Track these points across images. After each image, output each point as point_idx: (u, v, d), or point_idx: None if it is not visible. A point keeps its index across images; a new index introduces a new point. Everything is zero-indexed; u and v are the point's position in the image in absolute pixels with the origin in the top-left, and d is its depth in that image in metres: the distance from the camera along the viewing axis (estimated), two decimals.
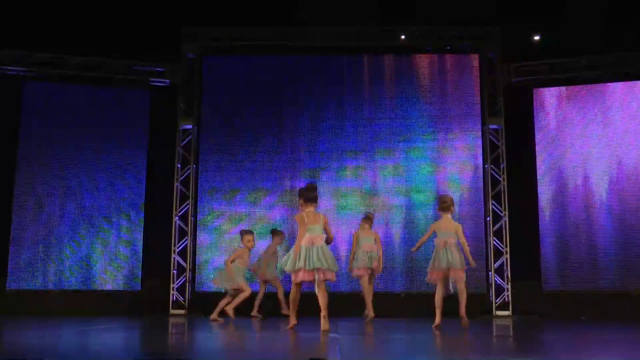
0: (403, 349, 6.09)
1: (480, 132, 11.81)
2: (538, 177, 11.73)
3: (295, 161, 11.91)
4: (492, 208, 11.65)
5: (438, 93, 11.98)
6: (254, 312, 10.25)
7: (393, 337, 7.32)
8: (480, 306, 11.21)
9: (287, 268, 7.48)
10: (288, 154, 11.93)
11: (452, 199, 8.43)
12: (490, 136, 11.83)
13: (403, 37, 11.96)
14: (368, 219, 9.76)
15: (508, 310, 11.31)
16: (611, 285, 11.14)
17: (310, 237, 7.37)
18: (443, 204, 8.30)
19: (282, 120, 12.04)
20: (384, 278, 11.36)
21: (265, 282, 10.38)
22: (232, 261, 9.56)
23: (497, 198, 11.69)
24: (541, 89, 11.91)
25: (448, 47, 12.06)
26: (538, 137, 11.83)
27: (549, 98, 11.92)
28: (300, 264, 7.32)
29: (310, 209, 7.48)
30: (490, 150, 11.78)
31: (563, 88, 11.84)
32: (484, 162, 11.75)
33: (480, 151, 11.76)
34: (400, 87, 12.00)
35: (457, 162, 11.77)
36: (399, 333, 7.78)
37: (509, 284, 11.37)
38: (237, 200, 11.83)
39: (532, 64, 11.84)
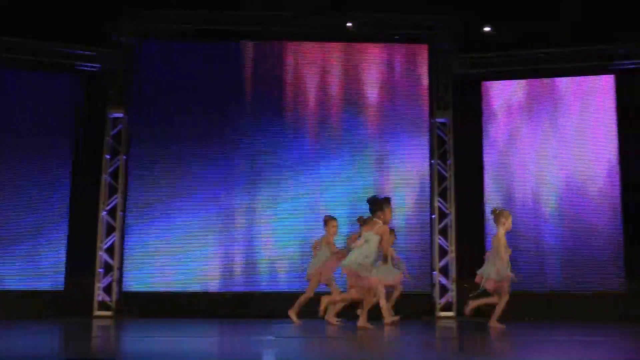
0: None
1: (427, 126, 11.77)
2: (485, 173, 11.76)
3: (234, 154, 11.66)
4: (438, 205, 11.62)
5: (385, 84, 11.88)
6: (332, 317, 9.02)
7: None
8: (423, 306, 11.19)
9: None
10: (226, 146, 11.66)
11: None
12: (438, 130, 11.79)
13: (350, 25, 11.82)
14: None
15: (452, 311, 11.30)
16: (557, 286, 11.24)
17: None
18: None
19: (221, 110, 11.77)
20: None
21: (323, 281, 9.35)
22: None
23: (443, 195, 11.67)
24: (491, 82, 11.93)
25: (397, 37, 11.98)
26: (486, 131, 11.87)
27: (499, 91, 11.95)
28: None
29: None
30: (437, 145, 11.75)
31: (514, 82, 11.90)
32: (431, 157, 11.71)
33: (427, 146, 11.73)
34: (347, 78, 11.86)
35: (403, 157, 11.70)
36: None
37: (454, 284, 11.37)
38: (170, 194, 11.50)
39: (482, 56, 11.83)
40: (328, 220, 9.32)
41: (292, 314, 9.06)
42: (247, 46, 11.92)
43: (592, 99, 11.71)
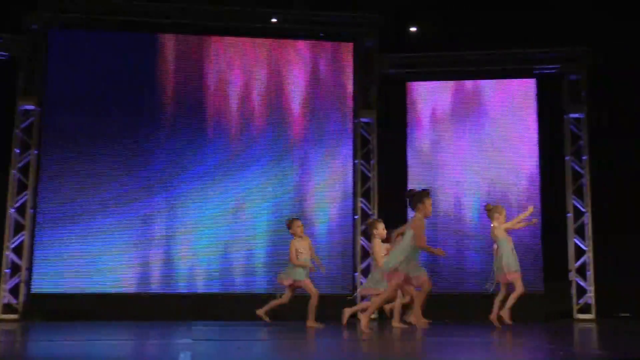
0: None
1: (351, 126, 11.76)
2: (409, 174, 11.84)
3: (150, 152, 11.35)
4: (362, 206, 11.62)
5: (310, 82, 11.80)
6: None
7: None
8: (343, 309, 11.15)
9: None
10: (142, 144, 11.34)
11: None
12: (362, 130, 11.79)
13: (275, 20, 11.70)
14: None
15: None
16: (477, 288, 11.37)
17: None
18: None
19: (137, 106, 11.45)
20: (247, 280, 11.14)
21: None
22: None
23: (366, 196, 11.68)
24: (416, 83, 12.02)
25: (322, 35, 11.93)
26: (411, 132, 11.95)
27: (424, 92, 12.05)
28: None
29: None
30: (361, 144, 11.75)
31: (439, 83, 12.02)
32: (354, 157, 11.71)
33: (351, 146, 11.72)
34: (270, 75, 11.72)
35: (326, 157, 11.66)
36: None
37: None
38: (83, 192, 11.11)
39: (408, 57, 11.90)
40: (373, 223, 9.13)
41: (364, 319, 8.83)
42: (166, 39, 11.62)
43: (516, 102, 11.95)
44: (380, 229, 8.87)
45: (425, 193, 7.57)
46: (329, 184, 11.59)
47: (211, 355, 5.84)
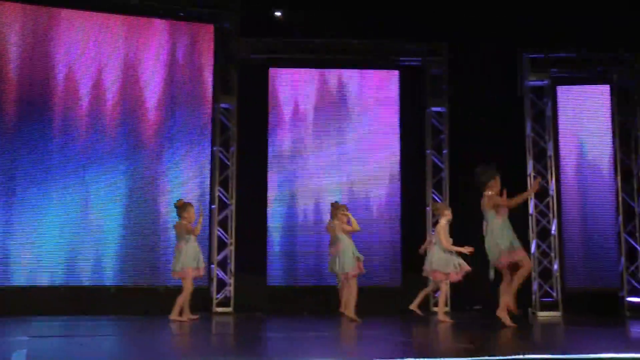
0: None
1: (210, 112, 11.49)
2: (269, 163, 11.72)
3: None
4: (219, 195, 11.38)
5: (167, 65, 11.38)
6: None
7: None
8: (200, 302, 10.92)
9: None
10: None
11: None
12: (221, 116, 11.53)
13: None
14: None
15: (230, 306, 11.12)
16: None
17: None
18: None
19: None
20: (99, 272, 10.68)
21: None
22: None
23: (224, 184, 11.44)
24: (278, 69, 11.87)
25: (182, 14, 11.55)
26: (272, 120, 11.82)
27: (286, 79, 11.93)
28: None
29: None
30: (220, 132, 11.49)
31: (302, 70, 11.94)
32: (212, 144, 11.44)
33: (209, 133, 11.45)
34: (125, 55, 11.18)
35: (184, 143, 11.32)
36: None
37: (232, 278, 11.20)
38: None
39: (271, 41, 11.70)
40: (442, 207, 9.59)
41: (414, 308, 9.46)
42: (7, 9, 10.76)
43: (379, 94, 12.07)
44: (449, 213, 9.28)
45: (496, 168, 7.88)
46: (186, 170, 11.28)
47: (48, 352, 5.51)
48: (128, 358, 5.39)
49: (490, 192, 7.75)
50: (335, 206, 9.81)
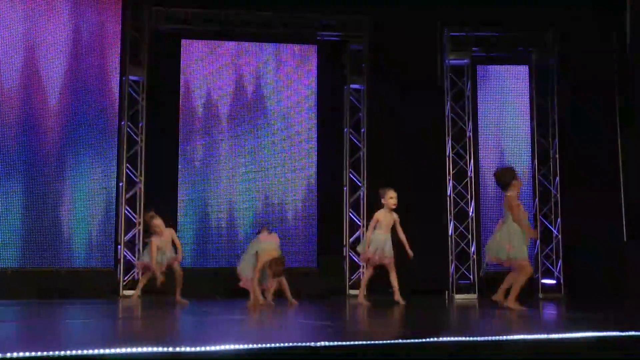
0: None
1: (118, 84, 11.27)
2: (180, 140, 11.60)
3: None
4: (127, 172, 11.17)
5: (72, 33, 11.09)
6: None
7: None
8: (106, 285, 10.78)
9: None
10: None
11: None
12: (130, 89, 11.32)
13: None
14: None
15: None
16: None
17: None
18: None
19: None
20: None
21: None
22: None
23: (132, 161, 11.18)
24: (191, 41, 11.74)
25: None
26: (184, 94, 11.67)
27: (199, 51, 11.79)
28: None
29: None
30: (128, 105, 11.25)
31: (216, 42, 11.81)
32: (120, 119, 11.23)
33: (117, 106, 11.25)
34: (25, 26, 10.87)
35: (90, 118, 11.10)
36: None
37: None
38: None
39: (181, 11, 11.51)
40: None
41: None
42: None
43: (299, 69, 12.03)
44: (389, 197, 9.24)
45: (513, 169, 8.22)
46: (91, 146, 11.05)
47: None
48: (30, 344, 5.28)
49: (510, 193, 8.03)
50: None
